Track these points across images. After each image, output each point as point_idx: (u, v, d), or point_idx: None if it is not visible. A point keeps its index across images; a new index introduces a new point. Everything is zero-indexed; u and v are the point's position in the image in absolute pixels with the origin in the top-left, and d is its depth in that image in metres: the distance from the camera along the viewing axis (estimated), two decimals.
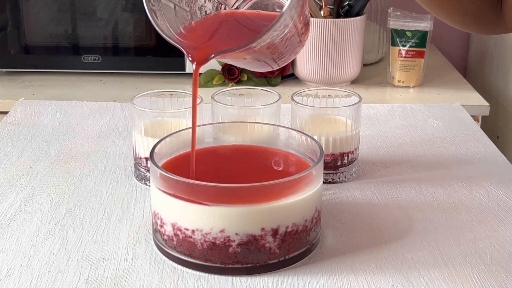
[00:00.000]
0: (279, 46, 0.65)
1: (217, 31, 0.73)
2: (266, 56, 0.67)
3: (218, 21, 0.73)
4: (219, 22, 0.73)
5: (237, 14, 0.74)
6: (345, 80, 1.41)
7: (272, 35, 0.62)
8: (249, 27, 0.73)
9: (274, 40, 0.63)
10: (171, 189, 0.64)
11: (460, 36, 1.81)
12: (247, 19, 0.73)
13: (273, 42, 0.64)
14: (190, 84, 1.38)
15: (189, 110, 0.81)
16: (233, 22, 0.74)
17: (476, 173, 0.87)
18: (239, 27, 0.74)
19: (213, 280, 0.64)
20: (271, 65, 0.71)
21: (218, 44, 0.68)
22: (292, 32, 0.65)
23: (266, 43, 0.63)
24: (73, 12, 1.41)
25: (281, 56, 0.69)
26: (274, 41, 0.64)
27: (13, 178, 0.84)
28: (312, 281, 0.64)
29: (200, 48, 0.68)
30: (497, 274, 0.65)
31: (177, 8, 0.70)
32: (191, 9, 0.71)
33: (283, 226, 0.64)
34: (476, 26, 0.79)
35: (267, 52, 0.65)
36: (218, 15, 0.73)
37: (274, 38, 0.63)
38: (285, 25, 0.62)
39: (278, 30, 0.61)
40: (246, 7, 0.74)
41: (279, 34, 0.62)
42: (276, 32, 0.62)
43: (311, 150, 0.72)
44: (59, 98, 1.26)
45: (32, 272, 0.65)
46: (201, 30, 0.71)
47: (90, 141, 0.96)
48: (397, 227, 0.74)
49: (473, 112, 1.29)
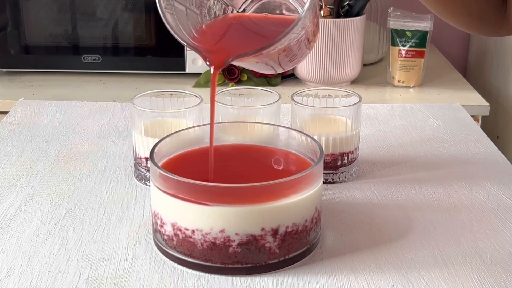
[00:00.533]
0: (293, 48, 0.66)
1: (227, 35, 0.73)
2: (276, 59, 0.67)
3: (227, 24, 0.74)
4: (228, 25, 0.74)
5: (245, 18, 0.75)
6: (345, 80, 1.41)
7: (290, 38, 0.62)
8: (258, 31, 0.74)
9: (290, 42, 0.64)
10: (171, 189, 0.64)
11: (460, 36, 1.81)
12: (255, 23, 0.74)
13: (289, 45, 0.64)
14: (190, 84, 1.39)
15: (189, 110, 0.81)
16: (241, 26, 0.74)
17: (476, 173, 0.87)
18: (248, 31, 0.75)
19: (213, 280, 0.64)
20: (276, 69, 0.72)
21: (233, 48, 0.68)
22: (307, 33, 0.65)
23: (284, 46, 0.63)
24: (73, 12, 1.41)
25: (293, 58, 0.69)
26: (290, 43, 0.64)
27: (13, 178, 0.84)
28: (312, 281, 0.64)
29: (217, 52, 0.68)
30: (497, 274, 0.65)
31: (188, 11, 0.70)
32: (201, 12, 0.72)
33: (283, 226, 0.64)
34: (480, 27, 0.79)
35: (282, 54, 0.66)
36: (227, 18, 0.74)
37: (291, 40, 0.63)
38: (303, 27, 0.62)
39: (296, 33, 0.62)
40: (253, 9, 0.75)
41: (296, 36, 0.63)
42: (294, 35, 0.62)
43: (311, 150, 0.72)
44: (59, 98, 1.26)
45: (32, 272, 0.65)
46: (212, 34, 0.71)
47: (90, 141, 0.96)
48: (397, 227, 0.74)
49: (473, 112, 1.29)
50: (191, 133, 0.75)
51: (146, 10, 1.39)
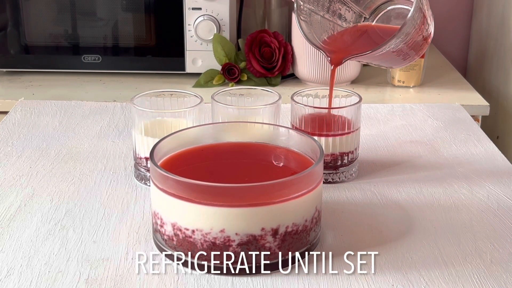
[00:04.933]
0: (404, 49, 0.77)
1: (354, 41, 0.90)
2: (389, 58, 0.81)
3: (354, 33, 0.90)
4: (354, 33, 0.90)
5: (370, 28, 0.91)
6: (345, 80, 1.41)
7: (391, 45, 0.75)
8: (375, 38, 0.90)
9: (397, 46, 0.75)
10: (171, 189, 0.64)
11: (460, 36, 1.81)
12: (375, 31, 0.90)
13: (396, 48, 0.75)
14: (190, 84, 1.38)
15: (189, 110, 0.81)
16: (364, 33, 0.90)
17: (476, 173, 0.87)
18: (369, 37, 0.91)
19: (213, 280, 0.64)
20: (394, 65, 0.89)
21: (350, 50, 0.83)
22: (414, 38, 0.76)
23: (391, 48, 0.76)
24: (73, 12, 1.41)
25: (407, 57, 0.82)
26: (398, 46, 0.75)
27: (13, 178, 0.84)
28: (312, 281, 0.64)
29: (337, 52, 0.84)
30: (497, 274, 0.65)
31: (321, 19, 0.87)
32: (333, 19, 0.88)
33: (283, 226, 0.64)
34: None
35: (392, 55, 0.79)
36: (355, 28, 0.91)
37: (397, 44, 0.74)
38: (407, 33, 0.74)
39: (400, 38, 0.74)
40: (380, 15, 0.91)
41: (402, 40, 0.75)
42: (396, 42, 0.74)
43: (311, 150, 0.72)
44: (59, 98, 1.26)
45: (32, 272, 0.65)
46: (341, 39, 0.88)
47: (90, 141, 0.96)
48: (397, 227, 0.74)
49: (473, 112, 1.29)
50: (191, 133, 0.75)
51: (146, 10, 1.39)
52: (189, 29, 1.37)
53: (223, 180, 0.69)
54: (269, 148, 0.76)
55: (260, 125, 0.79)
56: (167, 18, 1.38)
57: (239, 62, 1.39)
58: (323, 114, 0.84)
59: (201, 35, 1.37)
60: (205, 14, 1.37)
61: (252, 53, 1.38)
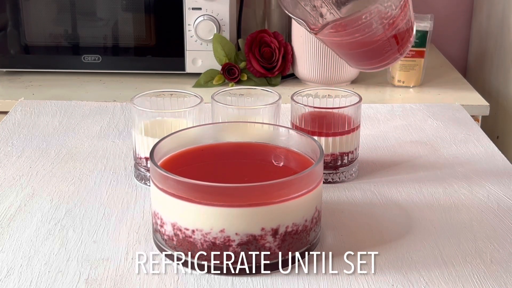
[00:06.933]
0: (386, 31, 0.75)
1: None
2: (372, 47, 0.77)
3: None
4: None
5: None
6: (345, 80, 1.41)
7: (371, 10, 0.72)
8: None
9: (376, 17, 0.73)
10: (171, 189, 0.64)
11: (460, 36, 1.81)
12: None
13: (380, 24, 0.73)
14: (190, 84, 1.38)
15: (189, 110, 0.81)
16: None
17: (476, 173, 0.87)
18: None
19: (213, 280, 0.64)
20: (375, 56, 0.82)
21: None
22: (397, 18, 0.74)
23: (375, 15, 0.73)
24: (73, 12, 1.41)
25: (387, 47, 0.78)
26: (378, 21, 0.73)
27: (13, 178, 0.84)
28: (312, 281, 0.64)
29: None
30: (497, 274, 0.65)
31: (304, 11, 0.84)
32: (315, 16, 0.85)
33: (283, 226, 0.64)
34: None
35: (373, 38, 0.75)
36: None
37: (375, 14, 0.72)
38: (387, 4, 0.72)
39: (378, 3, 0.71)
40: None
41: (380, 11, 0.73)
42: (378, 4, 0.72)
43: (311, 150, 0.72)
44: (59, 98, 1.26)
45: (32, 272, 0.65)
46: None
47: (90, 141, 0.96)
48: (397, 227, 0.74)
49: (473, 112, 1.29)
50: (191, 133, 0.75)
51: (146, 10, 1.39)
52: (189, 29, 1.37)
53: (223, 180, 0.69)
54: (269, 148, 0.76)
55: (260, 125, 0.79)
56: (167, 18, 1.38)
57: (239, 62, 1.39)
58: (323, 114, 0.84)
59: (201, 35, 1.37)
60: (205, 14, 1.37)
61: (252, 53, 1.38)
